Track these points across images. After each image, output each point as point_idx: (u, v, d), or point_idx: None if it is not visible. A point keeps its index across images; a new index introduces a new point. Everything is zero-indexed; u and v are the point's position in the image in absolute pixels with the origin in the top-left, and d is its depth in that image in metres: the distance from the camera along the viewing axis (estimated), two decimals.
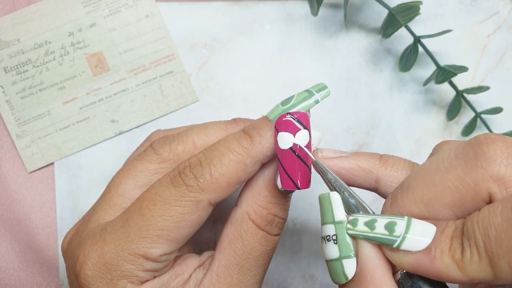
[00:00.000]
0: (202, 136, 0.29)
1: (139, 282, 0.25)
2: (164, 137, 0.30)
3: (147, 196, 0.26)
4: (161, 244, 0.25)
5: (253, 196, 0.27)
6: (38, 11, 0.37)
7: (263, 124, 0.26)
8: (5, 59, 0.36)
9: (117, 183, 0.29)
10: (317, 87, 0.27)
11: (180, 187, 0.25)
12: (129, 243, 0.25)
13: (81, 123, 0.37)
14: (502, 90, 0.40)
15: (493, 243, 0.18)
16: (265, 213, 0.26)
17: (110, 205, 0.28)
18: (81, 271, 0.25)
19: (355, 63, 0.39)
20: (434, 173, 0.21)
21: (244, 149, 0.25)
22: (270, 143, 0.25)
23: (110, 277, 0.25)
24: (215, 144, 0.26)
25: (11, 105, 0.37)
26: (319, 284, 0.40)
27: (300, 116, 0.25)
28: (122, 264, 0.25)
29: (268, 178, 0.27)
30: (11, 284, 0.38)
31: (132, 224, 0.25)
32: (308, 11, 0.39)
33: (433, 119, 0.40)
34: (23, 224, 0.38)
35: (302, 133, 0.24)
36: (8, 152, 0.38)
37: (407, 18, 0.34)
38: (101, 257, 0.25)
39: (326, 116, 0.39)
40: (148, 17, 0.37)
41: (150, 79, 0.38)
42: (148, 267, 0.25)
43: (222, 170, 0.25)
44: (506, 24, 0.39)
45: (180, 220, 0.25)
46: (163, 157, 0.28)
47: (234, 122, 0.30)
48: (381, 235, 0.21)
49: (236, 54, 0.39)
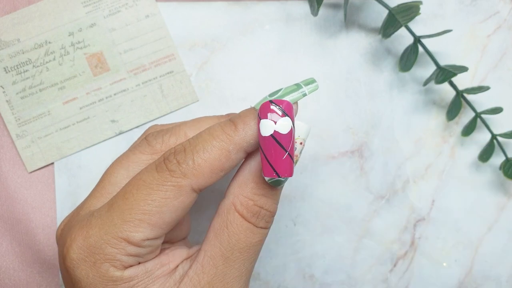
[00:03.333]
0: (194, 129, 0.29)
1: (122, 267, 0.25)
2: (159, 130, 0.30)
3: (132, 182, 0.26)
4: (144, 229, 0.25)
5: (239, 187, 0.27)
6: (38, 11, 0.37)
7: (248, 112, 0.26)
8: (5, 59, 0.36)
9: (110, 172, 0.29)
10: (306, 81, 0.27)
11: (163, 172, 0.25)
12: (113, 226, 0.25)
13: (81, 123, 0.37)
14: (502, 90, 0.40)
15: None
16: (251, 204, 0.26)
17: (102, 193, 0.28)
18: (67, 254, 0.26)
19: (355, 63, 0.39)
20: None
21: (227, 136, 0.26)
22: (253, 131, 0.26)
23: (93, 260, 0.25)
24: (200, 132, 0.27)
25: (11, 105, 0.37)
26: (319, 284, 0.40)
27: (283, 105, 0.24)
28: (105, 247, 0.25)
29: (254, 169, 0.27)
30: (11, 284, 0.38)
31: (116, 209, 0.25)
32: (308, 11, 0.39)
33: (433, 119, 0.40)
34: (23, 224, 0.38)
35: (283, 120, 0.24)
36: (8, 152, 0.38)
37: (407, 18, 0.34)
38: (86, 240, 0.25)
39: (326, 116, 0.39)
40: (148, 17, 0.37)
41: (150, 79, 0.38)
42: (130, 251, 0.25)
43: (204, 156, 0.25)
44: (506, 24, 0.39)
45: (162, 205, 0.25)
46: (155, 149, 0.29)
47: (228, 117, 0.30)
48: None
49: (236, 54, 0.39)
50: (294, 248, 0.40)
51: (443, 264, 0.40)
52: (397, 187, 0.40)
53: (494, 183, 0.40)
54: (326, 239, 0.40)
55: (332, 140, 0.39)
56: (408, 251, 0.40)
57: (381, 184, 0.39)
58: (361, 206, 0.40)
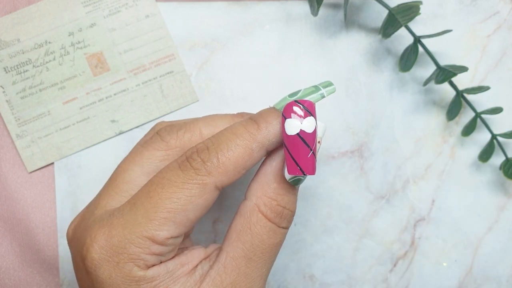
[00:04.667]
0: (209, 126, 0.29)
1: (145, 266, 0.25)
2: (171, 125, 0.30)
3: (155, 181, 0.26)
4: (168, 227, 0.25)
5: (262, 188, 0.27)
6: (38, 11, 0.37)
7: (270, 112, 0.27)
8: (5, 59, 0.36)
9: (123, 169, 0.29)
10: (324, 83, 0.28)
11: (187, 171, 0.25)
12: (137, 225, 0.25)
13: (81, 123, 0.37)
14: (502, 90, 0.40)
15: None
16: (275, 204, 0.27)
17: (117, 191, 0.28)
18: (88, 254, 0.25)
19: (355, 63, 0.39)
20: None
21: (250, 134, 0.26)
22: (276, 130, 0.26)
23: (117, 260, 0.25)
24: (222, 131, 0.27)
25: (11, 105, 0.37)
26: (319, 284, 0.40)
27: (307, 105, 0.25)
28: (129, 247, 0.25)
29: (276, 170, 0.27)
30: (11, 284, 0.38)
31: (140, 207, 0.25)
32: (308, 11, 0.39)
33: (433, 119, 0.40)
34: (23, 224, 0.38)
35: (309, 120, 0.25)
36: (8, 152, 0.38)
37: (407, 18, 0.34)
38: (108, 240, 0.25)
39: (326, 116, 0.39)
40: (148, 17, 0.37)
41: (150, 79, 0.38)
42: (155, 250, 0.25)
43: (228, 155, 0.26)
44: (506, 24, 0.39)
45: (187, 203, 0.25)
46: (169, 144, 0.29)
47: (240, 115, 0.31)
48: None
49: (236, 54, 0.39)
50: (294, 248, 0.40)
51: (443, 264, 0.40)
52: (397, 187, 0.40)
53: (494, 183, 0.40)
54: (326, 239, 0.40)
55: (332, 140, 0.39)
56: (408, 251, 0.40)
57: (381, 184, 0.39)
58: (361, 206, 0.40)
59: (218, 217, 0.39)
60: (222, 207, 0.39)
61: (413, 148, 0.40)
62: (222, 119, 0.30)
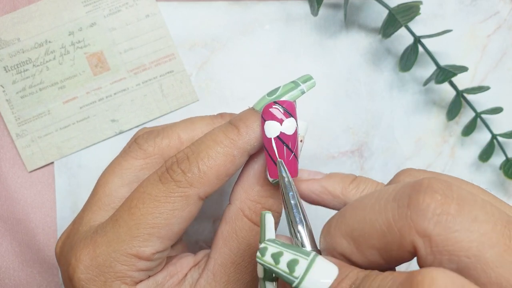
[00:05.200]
0: (187, 130, 0.29)
1: (133, 283, 0.25)
2: (149, 132, 0.29)
3: (135, 195, 0.25)
4: (153, 242, 0.25)
5: (245, 191, 0.26)
6: (38, 11, 0.37)
7: (249, 114, 0.26)
8: (5, 58, 0.36)
9: (103, 182, 0.28)
10: (303, 78, 0.27)
11: (168, 183, 0.25)
12: (121, 243, 0.24)
13: (81, 123, 0.37)
14: (502, 90, 0.40)
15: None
16: (259, 207, 0.26)
17: (99, 206, 0.28)
18: (74, 275, 0.25)
19: (355, 63, 0.39)
20: (368, 210, 0.19)
21: (231, 140, 0.25)
22: (257, 133, 0.25)
23: (103, 279, 0.25)
24: (201, 138, 0.26)
25: (11, 104, 0.37)
26: None
27: (287, 105, 0.24)
28: (115, 265, 0.24)
29: (258, 172, 0.26)
30: (11, 284, 0.38)
31: (122, 224, 0.25)
32: (308, 11, 0.39)
33: (433, 119, 0.40)
34: (23, 224, 0.38)
35: (289, 121, 0.24)
36: (8, 152, 0.38)
37: (407, 18, 0.34)
38: (93, 260, 0.25)
39: (326, 116, 0.39)
40: (148, 17, 0.37)
41: (150, 79, 0.38)
42: (141, 266, 0.25)
43: (210, 164, 0.25)
44: (506, 24, 0.39)
45: (171, 217, 0.25)
46: (147, 152, 0.28)
47: (220, 116, 0.30)
48: (282, 272, 0.19)
49: (236, 54, 0.39)
50: None
51: None
52: None
53: (494, 183, 0.40)
54: None
55: (332, 140, 0.39)
56: None
57: None
58: None
59: (218, 216, 0.39)
60: (222, 207, 0.39)
61: (413, 148, 0.40)
62: (200, 121, 0.29)
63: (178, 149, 0.28)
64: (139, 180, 0.28)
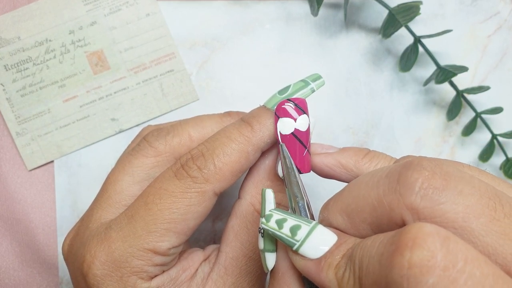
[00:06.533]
0: (198, 128, 0.29)
1: (148, 278, 0.25)
2: (158, 129, 0.30)
3: (151, 191, 0.26)
4: (169, 237, 0.25)
5: (256, 186, 0.27)
6: (39, 9, 0.37)
7: (262, 112, 0.26)
8: (6, 57, 0.37)
9: (114, 180, 0.28)
10: (312, 77, 0.27)
11: (185, 179, 0.25)
12: (137, 238, 0.25)
13: (81, 121, 0.37)
14: (502, 90, 0.40)
15: (363, 273, 0.17)
16: None
17: (110, 203, 0.28)
18: (89, 271, 0.25)
19: (355, 63, 0.39)
20: (363, 186, 0.20)
21: (245, 137, 0.26)
22: (270, 130, 0.26)
23: (120, 275, 0.25)
24: (214, 135, 0.26)
25: (11, 103, 0.37)
26: None
27: (300, 102, 0.25)
28: (131, 261, 0.25)
29: (269, 168, 0.27)
30: (11, 284, 0.37)
31: (138, 220, 0.25)
32: (308, 11, 0.39)
33: (433, 119, 0.39)
34: (23, 224, 0.37)
35: (302, 118, 0.25)
36: (8, 152, 0.38)
37: (407, 18, 0.34)
38: (109, 255, 0.25)
39: (326, 116, 0.39)
40: (149, 16, 0.37)
41: (150, 78, 0.38)
42: (157, 261, 0.25)
43: (225, 160, 0.25)
44: (506, 24, 0.39)
45: (187, 212, 0.25)
46: (158, 150, 0.28)
47: (228, 115, 0.30)
48: (284, 236, 0.20)
49: (237, 53, 0.39)
50: None
51: None
52: None
53: None
54: None
55: (332, 140, 0.39)
56: None
57: None
58: None
59: (218, 215, 0.39)
60: (222, 206, 0.39)
61: (413, 148, 0.40)
62: (209, 119, 0.30)
63: (189, 147, 0.28)
64: (150, 178, 0.28)
